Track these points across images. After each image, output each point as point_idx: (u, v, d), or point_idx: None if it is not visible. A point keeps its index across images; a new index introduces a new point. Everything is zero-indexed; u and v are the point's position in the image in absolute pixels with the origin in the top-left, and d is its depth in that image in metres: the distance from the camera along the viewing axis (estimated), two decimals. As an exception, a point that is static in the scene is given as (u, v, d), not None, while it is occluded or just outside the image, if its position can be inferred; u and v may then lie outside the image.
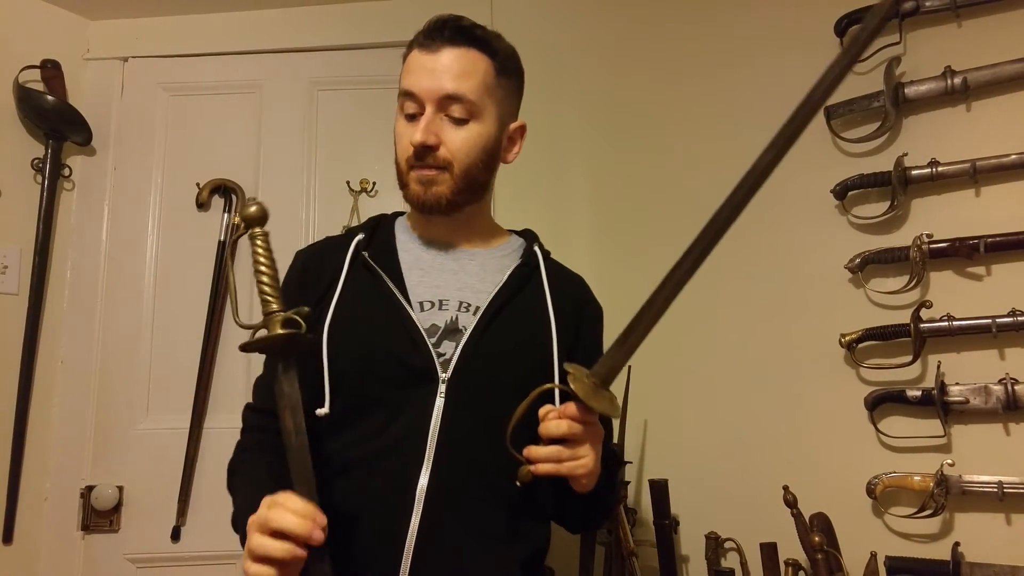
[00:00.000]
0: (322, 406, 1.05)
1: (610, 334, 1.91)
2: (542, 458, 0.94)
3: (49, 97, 1.97)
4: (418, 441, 1.02)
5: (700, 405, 1.74)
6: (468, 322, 1.09)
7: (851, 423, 1.53)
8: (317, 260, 1.18)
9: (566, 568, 1.74)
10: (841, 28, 1.59)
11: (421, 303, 1.10)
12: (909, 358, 1.45)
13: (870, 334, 1.50)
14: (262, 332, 0.95)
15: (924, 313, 1.44)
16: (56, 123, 1.99)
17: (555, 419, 0.94)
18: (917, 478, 1.43)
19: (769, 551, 1.44)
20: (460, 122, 1.10)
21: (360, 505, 1.02)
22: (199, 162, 2.09)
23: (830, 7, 1.61)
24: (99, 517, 1.92)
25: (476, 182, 1.13)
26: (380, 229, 1.20)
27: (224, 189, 2.08)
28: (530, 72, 2.08)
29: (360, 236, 1.16)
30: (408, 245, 1.17)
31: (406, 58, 1.15)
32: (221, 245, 2.05)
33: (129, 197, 2.09)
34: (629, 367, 1.72)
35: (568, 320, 1.15)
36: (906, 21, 1.54)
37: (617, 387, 1.69)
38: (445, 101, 1.08)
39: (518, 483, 0.97)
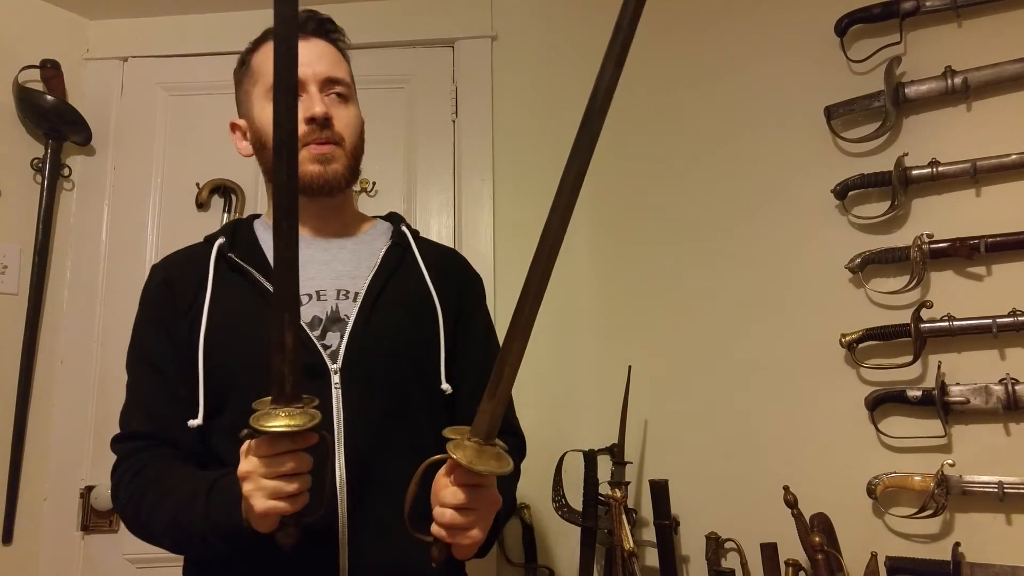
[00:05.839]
0: (196, 417, 1.04)
1: (609, 331, 1.91)
2: (445, 525, 0.89)
3: (49, 97, 1.97)
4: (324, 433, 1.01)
5: (700, 405, 1.74)
6: (349, 310, 1.08)
7: (851, 423, 1.53)
8: (179, 271, 1.15)
9: (566, 568, 1.74)
10: (841, 28, 1.59)
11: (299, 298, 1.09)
12: (909, 358, 1.45)
13: (870, 334, 1.50)
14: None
15: (924, 313, 1.44)
16: (56, 123, 1.99)
17: (450, 488, 0.89)
18: (917, 478, 1.42)
19: (769, 551, 1.44)
20: (344, 100, 1.14)
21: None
22: (199, 162, 2.09)
23: (830, 7, 1.61)
24: (99, 517, 1.92)
25: (358, 163, 1.16)
26: (240, 231, 1.17)
27: (224, 189, 2.08)
28: (530, 74, 2.09)
29: (221, 240, 1.13)
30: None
31: (258, 50, 1.17)
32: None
33: (129, 197, 2.09)
34: (629, 367, 1.72)
35: (450, 291, 1.16)
36: (906, 21, 1.54)
37: (617, 387, 1.71)
38: (327, 83, 1.12)
39: (433, 564, 0.92)
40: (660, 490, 1.61)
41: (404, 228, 1.21)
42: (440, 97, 2.09)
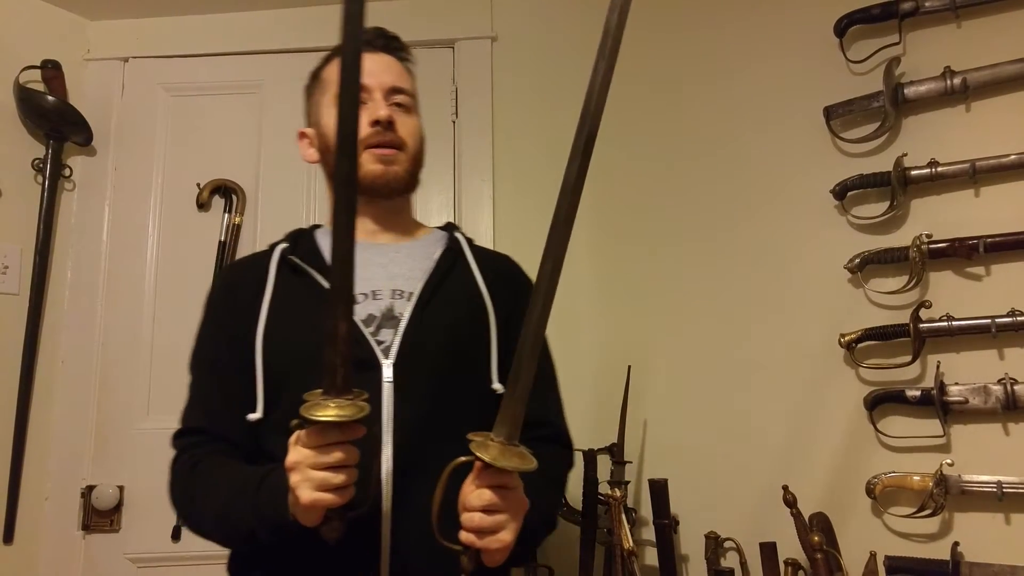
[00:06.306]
0: (262, 413, 1.07)
1: (609, 331, 1.91)
2: (473, 528, 0.90)
3: (50, 97, 1.98)
4: (373, 427, 1.02)
5: (700, 405, 1.74)
6: (403, 308, 1.11)
7: (851, 423, 1.53)
8: (240, 275, 1.21)
9: (566, 568, 1.74)
10: (841, 29, 1.59)
11: (354, 295, 1.10)
12: (909, 358, 1.45)
13: (870, 334, 1.51)
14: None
15: (924, 313, 1.45)
16: (57, 123, 1.99)
17: (476, 491, 0.90)
18: (916, 478, 1.43)
19: (769, 551, 1.44)
20: (407, 110, 1.20)
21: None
22: (199, 162, 2.09)
23: (830, 8, 1.61)
24: (100, 517, 1.92)
25: (418, 170, 1.21)
26: (302, 238, 1.22)
27: (224, 189, 2.08)
28: (530, 75, 2.09)
29: (283, 244, 1.19)
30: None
31: (328, 64, 1.24)
32: (221, 245, 2.05)
33: (129, 197, 2.09)
34: (629, 367, 1.72)
35: (501, 291, 1.19)
36: (906, 21, 1.54)
37: (617, 387, 1.71)
38: (392, 92, 1.18)
39: (463, 575, 0.92)
40: (659, 490, 1.61)
41: (458, 235, 1.25)
42: (440, 98, 2.09)
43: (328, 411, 0.85)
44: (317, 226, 1.27)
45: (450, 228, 1.28)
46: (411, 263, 1.18)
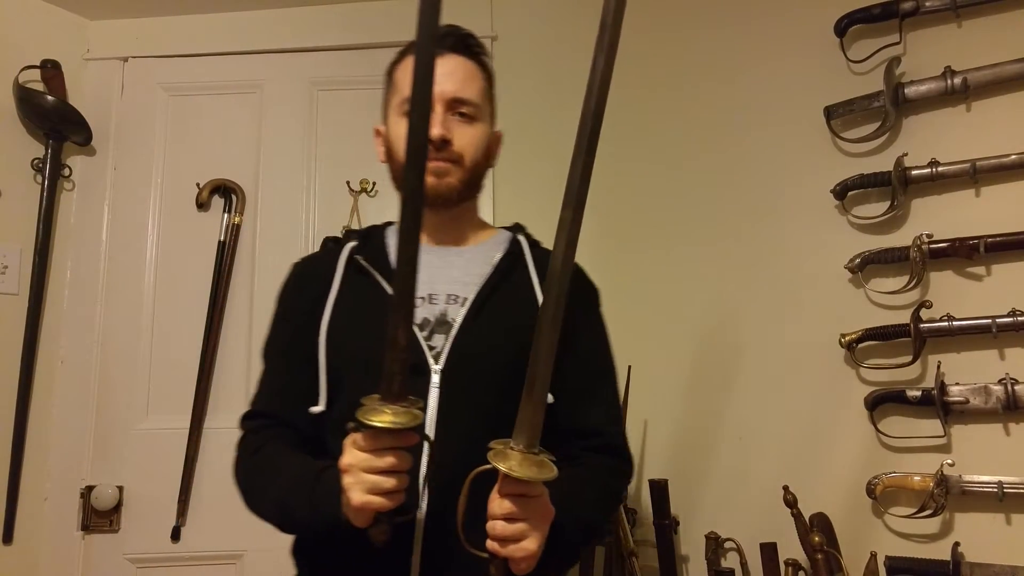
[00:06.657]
0: (324, 407, 1.09)
1: (609, 331, 1.91)
2: (496, 536, 0.92)
3: (49, 97, 1.97)
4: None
5: (700, 405, 1.74)
6: (457, 314, 1.11)
7: (851, 423, 1.53)
8: (312, 268, 1.23)
9: (566, 568, 1.74)
10: (841, 28, 1.59)
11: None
12: (909, 358, 1.45)
13: (870, 334, 1.51)
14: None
15: (924, 313, 1.45)
16: (56, 123, 1.99)
17: (497, 499, 0.92)
18: (917, 478, 1.43)
19: (769, 551, 1.44)
20: (468, 121, 1.17)
21: None
22: (199, 162, 2.09)
23: (830, 8, 1.61)
24: (99, 517, 1.92)
25: (479, 178, 1.20)
26: (372, 236, 1.23)
27: (224, 189, 2.08)
28: (530, 75, 2.09)
29: (353, 243, 1.20)
30: None
31: (400, 63, 1.20)
32: (221, 245, 2.05)
33: (129, 197, 2.09)
34: (629, 367, 1.72)
35: None
36: (906, 21, 1.54)
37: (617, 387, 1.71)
38: (454, 102, 1.15)
39: None
40: (660, 490, 1.61)
41: (521, 237, 1.23)
42: (440, 97, 2.09)
43: (384, 417, 0.86)
44: (390, 223, 1.27)
45: (515, 229, 1.26)
46: (469, 268, 1.17)
